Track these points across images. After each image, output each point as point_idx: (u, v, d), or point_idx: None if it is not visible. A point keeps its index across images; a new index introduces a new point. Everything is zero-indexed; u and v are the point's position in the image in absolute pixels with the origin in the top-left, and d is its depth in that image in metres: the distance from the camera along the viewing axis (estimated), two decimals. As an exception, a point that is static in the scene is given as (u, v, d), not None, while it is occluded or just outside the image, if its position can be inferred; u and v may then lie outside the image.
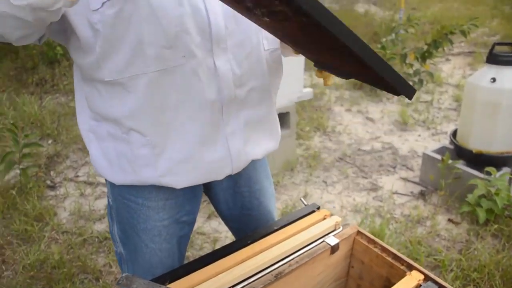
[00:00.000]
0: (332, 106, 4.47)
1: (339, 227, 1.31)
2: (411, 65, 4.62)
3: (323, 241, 1.25)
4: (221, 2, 0.92)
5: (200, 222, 2.77)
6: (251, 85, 1.11)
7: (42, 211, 2.85)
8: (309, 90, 3.29)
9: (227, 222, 1.46)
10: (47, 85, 4.92)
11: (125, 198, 1.24)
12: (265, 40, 1.12)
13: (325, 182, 3.18)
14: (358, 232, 1.30)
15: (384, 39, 4.95)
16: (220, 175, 1.17)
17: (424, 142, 3.79)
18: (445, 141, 3.48)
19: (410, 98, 0.84)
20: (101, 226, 2.77)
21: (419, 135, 3.94)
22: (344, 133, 3.91)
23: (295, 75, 3.10)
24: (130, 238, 1.27)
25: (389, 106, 4.50)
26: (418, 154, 3.57)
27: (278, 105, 3.13)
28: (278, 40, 1.14)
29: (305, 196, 3.00)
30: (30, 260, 2.44)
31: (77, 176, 3.33)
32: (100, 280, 2.35)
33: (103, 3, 0.91)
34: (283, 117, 3.26)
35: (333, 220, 1.31)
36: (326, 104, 4.48)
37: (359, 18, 7.79)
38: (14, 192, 3.01)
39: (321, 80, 5.02)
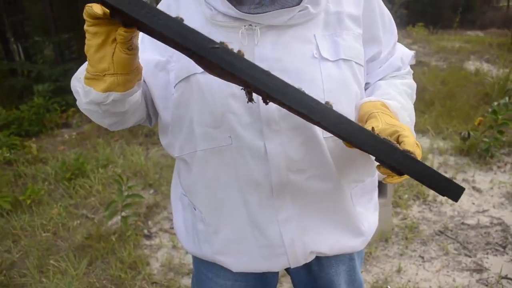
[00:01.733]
0: (434, 172, 4.19)
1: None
2: (528, 133, 4.20)
3: None
4: None
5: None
6: (311, 173, 1.04)
7: (136, 260, 2.99)
8: (407, 156, 3.13)
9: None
10: (154, 136, 5.31)
11: (199, 268, 1.28)
12: None
13: (422, 258, 2.93)
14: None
15: (495, 103, 4.60)
16: (276, 265, 1.13)
17: (543, 221, 3.35)
18: None
19: (455, 200, 0.75)
20: (188, 281, 2.82)
21: (537, 212, 3.50)
22: (446, 204, 3.62)
23: (393, 141, 2.98)
24: None
25: (500, 176, 4.09)
26: (534, 235, 3.15)
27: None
28: None
29: (398, 271, 2.78)
30: (120, 308, 2.55)
31: (172, 228, 3.47)
32: (181, 338, 2.36)
33: (175, 86, 1.01)
34: (379, 186, 3.12)
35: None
36: (427, 170, 4.21)
37: (468, 77, 7.36)
38: (114, 239, 3.22)
39: (423, 144, 4.80)
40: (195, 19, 1.03)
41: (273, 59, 0.98)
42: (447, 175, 4.10)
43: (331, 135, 1.05)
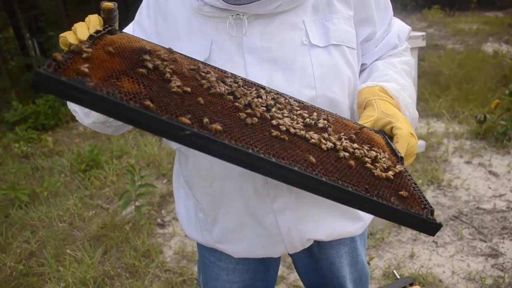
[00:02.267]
0: (450, 157, 4.12)
1: (433, 310, 1.16)
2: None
3: (412, 324, 1.12)
4: (265, 75, 0.97)
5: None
6: None
7: (150, 248, 3.04)
8: (421, 143, 3.08)
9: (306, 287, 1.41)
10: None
11: (202, 253, 1.29)
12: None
13: (436, 243, 2.90)
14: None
15: (513, 84, 4.49)
16: (274, 252, 1.14)
17: (562, 204, 3.27)
18: None
19: (431, 235, 0.75)
20: (201, 268, 2.85)
21: (555, 195, 3.42)
22: (461, 188, 3.56)
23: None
24: None
25: (518, 159, 4.01)
26: (552, 218, 3.09)
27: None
28: None
29: (411, 257, 2.76)
30: (134, 295, 2.59)
31: (185, 216, 3.50)
32: (194, 324, 2.39)
33: None
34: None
35: (426, 301, 1.17)
36: (442, 155, 4.14)
37: (486, 59, 7.19)
38: (128, 228, 3.26)
39: (438, 128, 4.72)
40: (183, 10, 1.03)
41: (262, 49, 0.98)
42: (462, 160, 4.04)
43: None
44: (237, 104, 0.80)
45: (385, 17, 1.11)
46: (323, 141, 0.81)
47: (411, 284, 1.25)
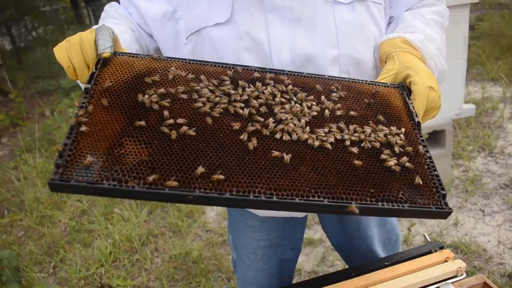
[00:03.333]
0: (505, 123, 3.89)
1: (462, 274, 1.13)
2: None
3: (438, 287, 1.09)
4: (287, 34, 0.93)
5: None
6: None
7: (193, 209, 3.13)
8: (470, 106, 2.92)
9: (335, 248, 1.40)
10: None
11: (231, 212, 1.31)
12: (344, 74, 1.02)
13: (482, 211, 2.78)
14: (485, 284, 1.10)
15: None
16: (298, 213, 1.13)
17: None
18: None
19: (443, 218, 0.78)
20: (240, 230, 2.91)
21: None
22: (515, 156, 3.37)
23: (453, 88, 2.77)
24: (234, 249, 1.33)
25: None
26: None
27: (432, 121, 2.86)
28: None
29: (455, 224, 2.68)
30: (176, 252, 2.70)
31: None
32: (231, 281, 2.47)
33: (187, 38, 0.98)
34: (438, 135, 2.96)
35: (455, 265, 1.14)
36: (497, 121, 3.91)
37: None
38: (172, 189, 3.37)
39: (493, 93, 4.46)
40: None
41: (284, 9, 0.95)
42: (518, 125, 3.80)
43: None
44: (235, 126, 0.80)
45: None
46: (326, 139, 0.81)
47: (442, 248, 1.21)
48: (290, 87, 0.90)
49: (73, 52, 0.84)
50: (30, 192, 3.61)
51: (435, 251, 1.20)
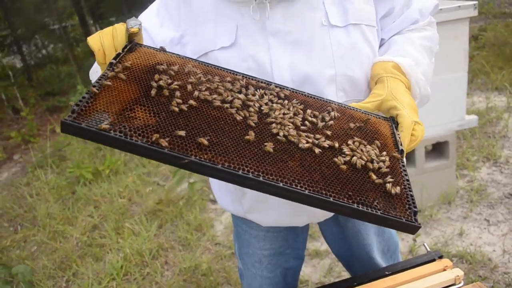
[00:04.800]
0: (509, 133, 3.91)
1: (460, 282, 1.17)
2: None
3: (436, 296, 1.14)
4: (287, 56, 0.98)
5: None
6: None
7: (202, 222, 3.19)
8: (473, 117, 2.95)
9: (336, 256, 1.46)
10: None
11: (236, 222, 1.38)
12: (341, 93, 1.09)
13: (488, 221, 2.81)
14: (482, 292, 1.14)
15: None
16: (299, 221, 1.20)
17: None
18: None
19: (411, 233, 0.82)
20: (248, 242, 2.96)
21: None
22: (520, 165, 3.39)
23: (455, 100, 2.81)
24: (240, 259, 1.39)
25: None
26: None
27: (435, 133, 2.91)
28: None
29: (460, 234, 2.70)
30: (185, 265, 2.76)
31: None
32: (240, 293, 2.52)
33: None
34: (441, 147, 3.01)
35: (453, 273, 1.18)
36: (501, 131, 3.94)
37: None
38: (181, 203, 3.44)
39: (498, 103, 4.48)
40: None
41: (284, 32, 1.03)
42: (522, 135, 3.82)
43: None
44: (238, 116, 0.87)
45: None
46: (317, 143, 0.88)
47: (441, 257, 1.26)
48: (294, 101, 0.98)
49: (105, 37, 0.94)
50: (43, 208, 3.70)
51: (434, 260, 1.25)
